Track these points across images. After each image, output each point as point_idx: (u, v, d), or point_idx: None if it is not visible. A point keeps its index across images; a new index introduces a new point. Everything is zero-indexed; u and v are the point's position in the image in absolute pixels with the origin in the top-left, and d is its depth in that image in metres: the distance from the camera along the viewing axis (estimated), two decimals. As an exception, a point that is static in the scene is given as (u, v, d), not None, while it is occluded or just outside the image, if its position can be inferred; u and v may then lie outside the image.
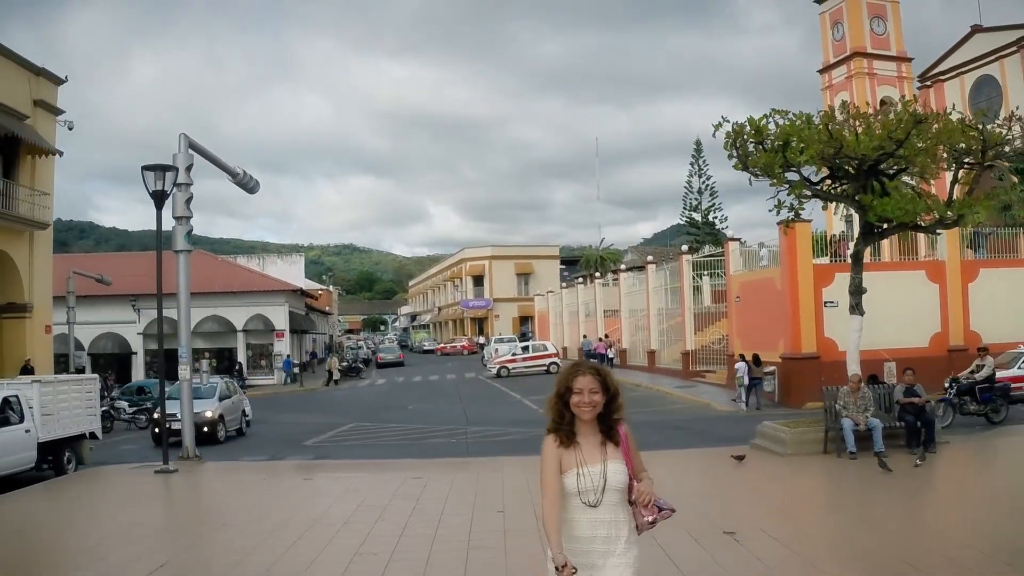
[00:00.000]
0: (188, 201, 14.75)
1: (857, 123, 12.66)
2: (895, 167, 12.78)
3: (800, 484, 11.89)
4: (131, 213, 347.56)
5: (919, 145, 11.55)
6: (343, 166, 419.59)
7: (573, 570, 3.44)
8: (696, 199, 70.91)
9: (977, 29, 49.94)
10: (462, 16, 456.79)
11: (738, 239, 29.19)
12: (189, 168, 14.79)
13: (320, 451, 18.38)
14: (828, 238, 28.78)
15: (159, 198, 13.54)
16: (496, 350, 47.44)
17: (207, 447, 18.55)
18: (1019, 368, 20.13)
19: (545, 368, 41.55)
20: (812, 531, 8.80)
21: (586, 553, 3.66)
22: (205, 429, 19.80)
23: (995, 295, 24.70)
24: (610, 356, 40.50)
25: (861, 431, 12.55)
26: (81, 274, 35.02)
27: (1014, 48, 46.32)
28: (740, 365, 23.23)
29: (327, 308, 69.32)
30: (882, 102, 59.59)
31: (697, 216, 70.63)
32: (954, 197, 13.18)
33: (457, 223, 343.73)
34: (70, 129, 32.68)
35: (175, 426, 18.50)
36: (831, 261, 25.55)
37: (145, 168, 13.56)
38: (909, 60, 60.59)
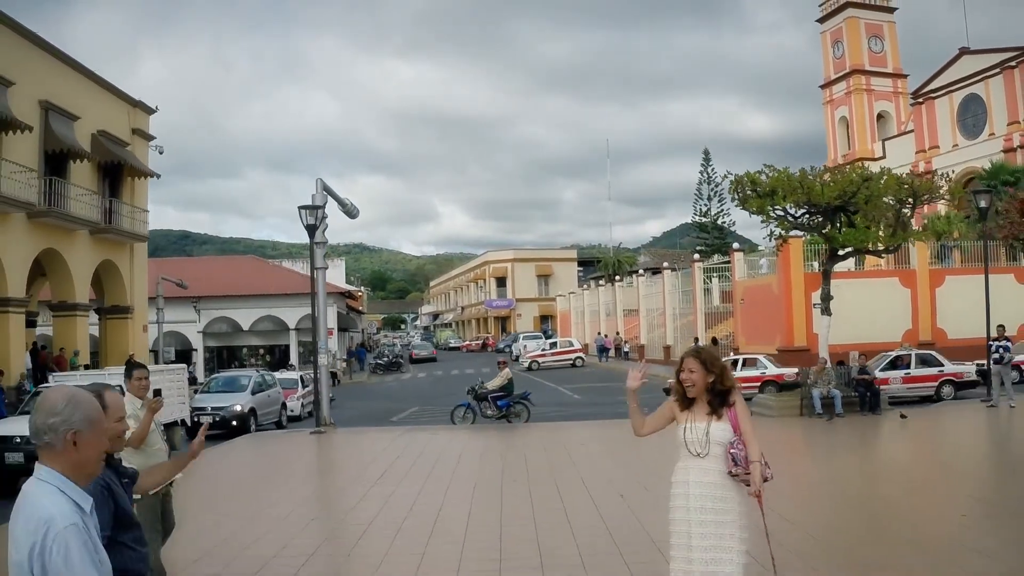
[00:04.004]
0: (324, 230, 19.63)
1: (827, 177, 17.44)
2: (853, 209, 17.56)
3: (779, 431, 16.86)
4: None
5: (866, 196, 16.36)
6: (351, 165, 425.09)
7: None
8: (706, 205, 75.59)
9: (964, 51, 53.68)
10: (469, 15, 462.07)
11: (742, 250, 34.03)
12: (324, 205, 19.66)
13: (410, 424, 22.92)
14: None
15: (311, 231, 18.47)
16: (525, 346, 52.37)
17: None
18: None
19: (571, 362, 46.36)
20: (782, 453, 13.66)
21: (703, 496, 4.38)
22: (235, 423, 20.40)
23: (959, 298, 29.28)
24: (625, 350, 46.40)
25: (826, 399, 17.51)
26: (167, 279, 39.88)
27: (997, 70, 50.33)
28: None
29: (361, 308, 74.31)
30: (879, 116, 63.87)
31: (707, 220, 75.35)
32: (895, 231, 17.95)
33: (465, 222, 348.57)
34: (160, 153, 37.40)
35: (203, 419, 20.90)
36: (819, 269, 30.30)
37: (300, 207, 18.48)
38: (904, 76, 64.59)
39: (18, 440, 13.99)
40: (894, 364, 22.24)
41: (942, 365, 22.20)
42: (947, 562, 6.97)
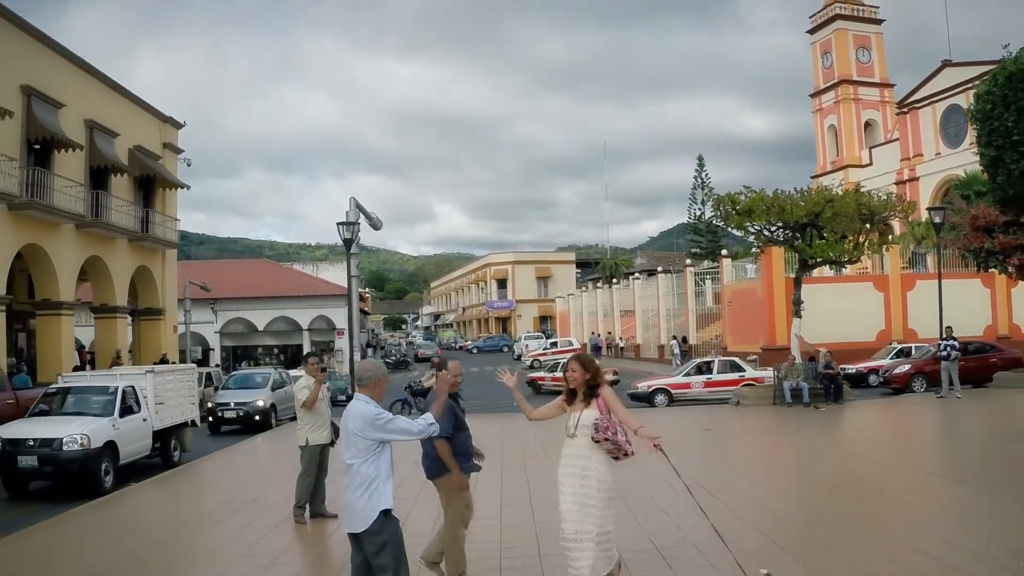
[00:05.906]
0: (356, 242, 22.28)
1: (797, 197, 20.10)
2: (821, 224, 20.23)
3: (752, 416, 19.56)
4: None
5: (829, 215, 19.06)
6: (350, 165, 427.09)
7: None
8: (700, 209, 78.18)
9: (947, 64, 56.07)
10: (468, 15, 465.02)
11: (731, 256, 36.73)
12: (358, 220, 22.30)
13: (433, 414, 25.70)
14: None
15: (348, 243, 21.15)
16: (527, 345, 55.14)
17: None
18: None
19: (571, 360, 49.20)
20: (754, 431, 16.36)
21: (571, 466, 5.76)
22: (257, 418, 21.07)
23: (928, 301, 31.76)
24: (621, 347, 50.01)
25: (794, 390, 20.25)
26: (192, 283, 42.38)
27: (978, 82, 52.74)
28: (673, 343, 37.10)
29: (367, 309, 76.87)
30: (866, 124, 66.36)
31: (701, 224, 77.93)
32: (858, 243, 20.62)
33: (463, 222, 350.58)
34: (188, 165, 39.80)
35: (227, 414, 20.99)
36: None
37: (339, 223, 21.16)
38: (891, 86, 67.18)
39: (31, 443, 12.52)
40: (699, 369, 24.09)
41: (744, 371, 23.78)
42: (884, 511, 9.64)
